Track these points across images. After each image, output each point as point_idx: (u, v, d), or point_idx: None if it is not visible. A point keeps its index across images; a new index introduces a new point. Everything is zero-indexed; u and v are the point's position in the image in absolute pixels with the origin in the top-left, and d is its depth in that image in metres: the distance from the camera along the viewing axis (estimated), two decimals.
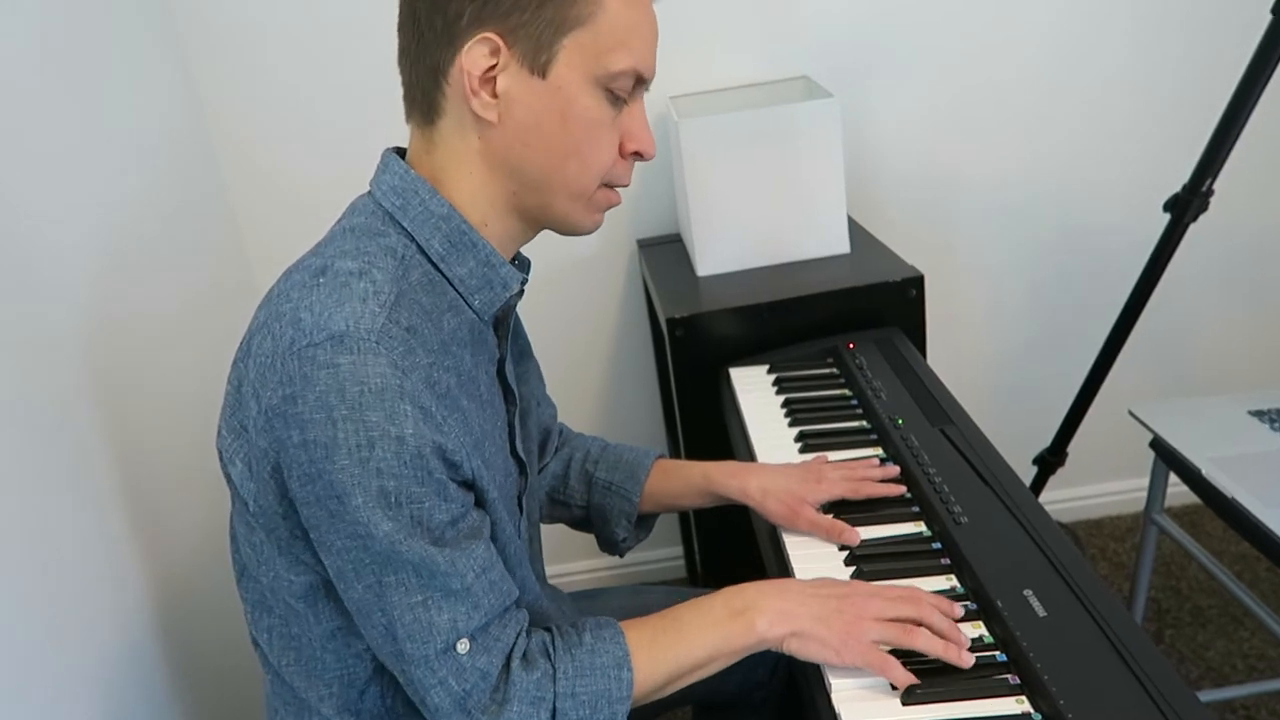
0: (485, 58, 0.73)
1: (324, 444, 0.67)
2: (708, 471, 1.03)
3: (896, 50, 1.63)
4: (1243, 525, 1.13)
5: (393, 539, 0.69)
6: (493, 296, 0.80)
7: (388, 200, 0.77)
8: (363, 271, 0.71)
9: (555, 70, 0.74)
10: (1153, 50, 1.65)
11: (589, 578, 1.98)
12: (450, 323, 0.76)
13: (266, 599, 0.81)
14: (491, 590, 0.74)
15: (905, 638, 0.76)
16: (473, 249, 0.78)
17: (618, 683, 0.75)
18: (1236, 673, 1.59)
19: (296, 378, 0.67)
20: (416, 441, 0.68)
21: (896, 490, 0.99)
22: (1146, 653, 0.74)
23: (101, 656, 1.02)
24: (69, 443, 1.02)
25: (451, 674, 0.72)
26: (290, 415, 0.68)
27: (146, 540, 1.14)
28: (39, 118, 1.08)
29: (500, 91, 0.74)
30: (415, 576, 0.71)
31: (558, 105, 0.74)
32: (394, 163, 0.78)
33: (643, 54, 0.76)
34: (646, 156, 0.81)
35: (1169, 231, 1.39)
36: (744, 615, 0.78)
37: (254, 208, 1.64)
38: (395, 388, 0.68)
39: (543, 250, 1.71)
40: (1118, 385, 1.62)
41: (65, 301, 1.07)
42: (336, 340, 0.67)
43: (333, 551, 0.72)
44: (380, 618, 0.72)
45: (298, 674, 0.82)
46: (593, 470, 1.06)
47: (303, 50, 1.56)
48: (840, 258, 1.47)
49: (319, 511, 0.70)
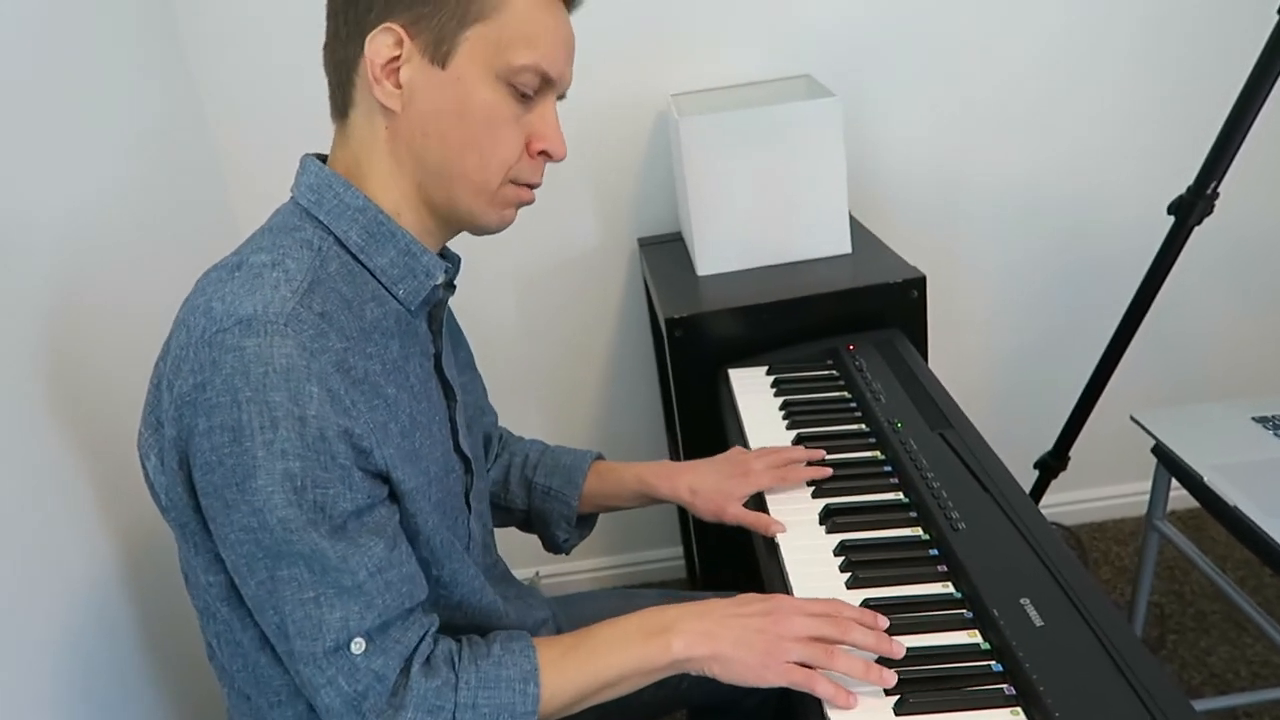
0: (389, 48, 0.74)
1: (230, 428, 0.67)
2: (640, 473, 1.06)
3: (900, 49, 1.62)
4: (1245, 533, 1.12)
5: (287, 526, 0.69)
6: (416, 285, 0.80)
7: (304, 198, 0.78)
8: (276, 262, 0.72)
9: (455, 61, 0.75)
10: (1157, 52, 1.64)
11: (587, 577, 1.97)
12: (373, 312, 0.77)
13: (207, 605, 0.80)
14: (388, 590, 0.73)
15: (826, 658, 0.75)
16: (391, 238, 0.78)
17: (523, 697, 0.75)
18: (1240, 679, 1.58)
19: (206, 364, 0.68)
20: (319, 423, 0.68)
21: (824, 472, 1.01)
22: (1144, 664, 0.72)
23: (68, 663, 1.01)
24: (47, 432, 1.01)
25: (342, 673, 0.71)
26: (199, 402, 0.68)
27: (116, 534, 1.12)
28: (32, 110, 1.07)
29: (403, 81, 0.75)
30: (307, 571, 0.70)
31: (457, 96, 0.75)
32: (310, 164, 0.80)
33: (548, 53, 0.77)
34: (555, 157, 0.81)
35: (1173, 234, 1.38)
36: (661, 636, 0.78)
37: (251, 205, 1.62)
38: (301, 368, 0.67)
39: (542, 248, 1.72)
40: (1121, 389, 1.60)
41: (57, 294, 1.06)
42: (244, 324, 0.67)
43: (228, 545, 0.71)
44: (273, 615, 0.72)
45: (248, 682, 0.82)
46: (532, 475, 1.08)
47: (302, 47, 1.55)
48: (841, 258, 1.46)
49: (216, 502, 0.70)
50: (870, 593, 0.85)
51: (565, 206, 1.68)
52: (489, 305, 1.73)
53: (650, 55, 1.60)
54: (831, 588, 0.87)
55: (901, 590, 0.85)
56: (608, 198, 1.69)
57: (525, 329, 1.76)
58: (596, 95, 1.60)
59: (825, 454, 1.05)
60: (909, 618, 0.81)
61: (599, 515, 1.13)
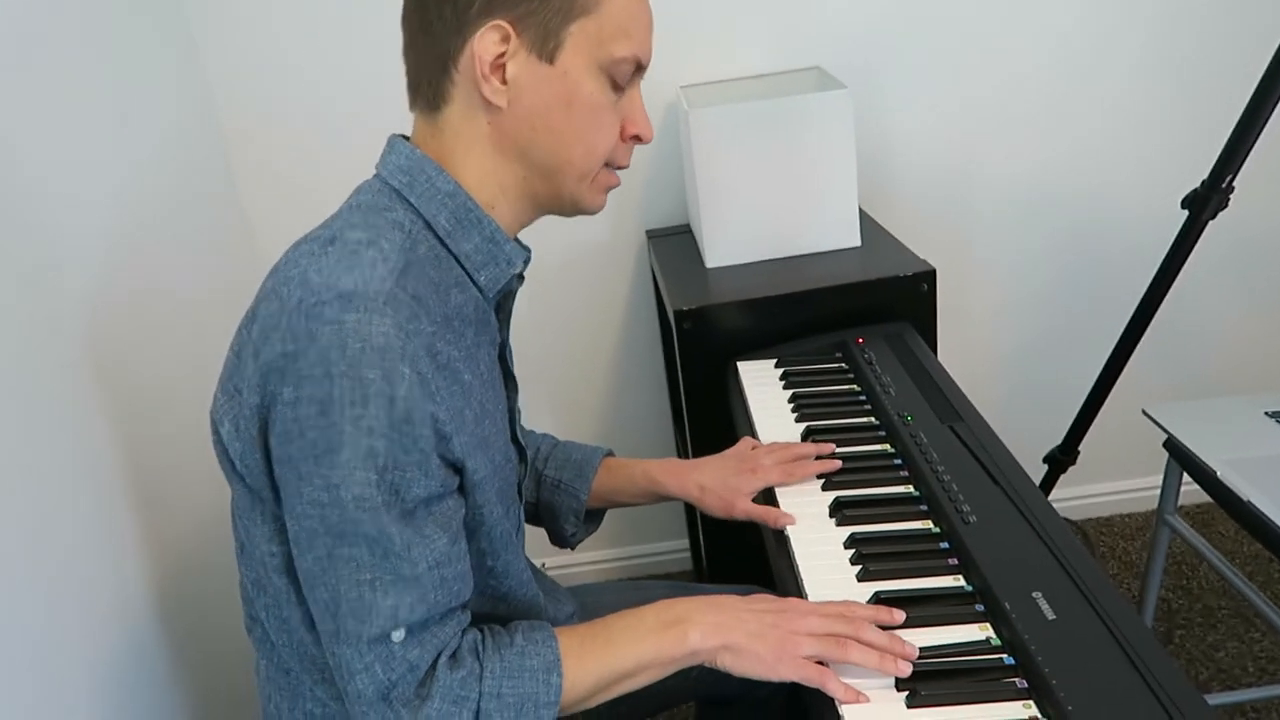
0: (496, 44, 0.75)
1: (319, 400, 0.67)
2: (650, 470, 1.06)
3: (911, 42, 1.61)
4: (1258, 528, 1.12)
5: (361, 505, 0.69)
6: (498, 273, 0.81)
7: (395, 179, 0.79)
8: (371, 241, 0.72)
9: (562, 57, 0.76)
10: (1169, 47, 1.63)
11: (592, 569, 1.97)
12: (456, 298, 0.77)
13: (260, 576, 0.81)
14: (441, 586, 0.73)
15: (839, 652, 0.76)
16: (478, 225, 0.79)
17: (546, 686, 0.75)
18: (1247, 675, 1.57)
19: (301, 334, 0.67)
20: (407, 405, 0.68)
21: (834, 465, 1.02)
22: (1157, 657, 0.72)
23: (101, 641, 1.02)
24: (73, 427, 1.02)
25: (379, 661, 0.71)
26: (288, 371, 0.68)
27: (147, 528, 1.14)
28: (44, 106, 1.07)
29: (510, 78, 0.76)
30: (368, 553, 0.70)
31: (564, 90, 0.77)
32: (400, 144, 0.80)
33: (642, 41, 0.80)
34: (645, 140, 0.84)
35: (1187, 228, 1.37)
36: (677, 627, 0.78)
37: (263, 199, 1.63)
38: (397, 348, 0.68)
39: (552, 240, 1.71)
40: (1131, 383, 1.60)
41: (72, 287, 1.06)
42: (344, 298, 0.67)
43: (294, 516, 0.71)
44: (323, 592, 0.72)
45: (292, 656, 0.82)
46: (542, 468, 1.09)
47: (314, 39, 1.55)
48: (851, 251, 1.45)
49: (290, 472, 0.70)
50: (880, 586, 0.85)
51: None
52: None
53: (660, 46, 1.57)
54: (842, 581, 0.87)
55: (912, 583, 0.85)
56: (616, 190, 1.67)
57: (533, 320, 1.76)
58: None
59: (835, 447, 1.05)
60: (920, 611, 0.81)
61: (606, 511, 1.13)
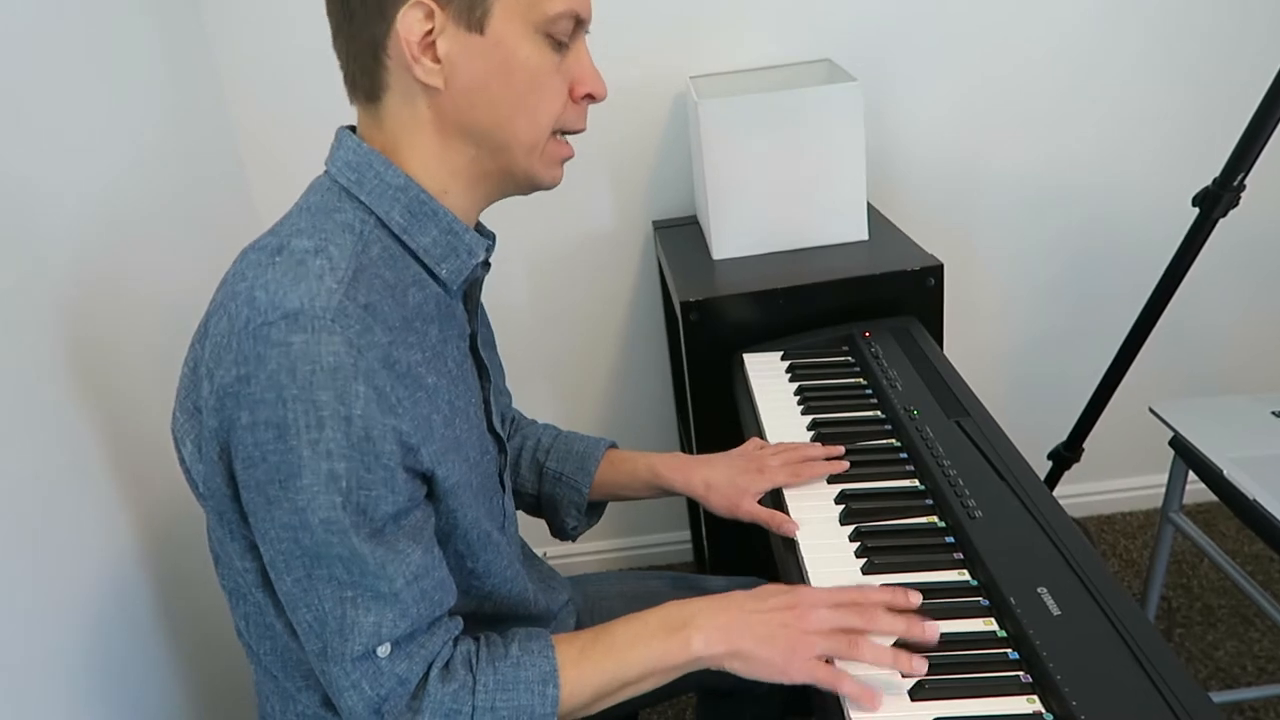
0: (421, 22, 0.71)
1: (274, 425, 0.66)
2: (653, 464, 1.04)
3: (922, 35, 1.60)
4: (1262, 527, 1.12)
5: (329, 528, 0.68)
6: (459, 265, 0.78)
7: (343, 176, 0.76)
8: (319, 249, 0.70)
9: (492, 24, 0.72)
10: (1178, 43, 1.62)
11: (593, 560, 1.98)
12: (415, 297, 0.75)
13: (239, 586, 0.80)
14: (422, 599, 0.73)
15: (852, 650, 0.74)
16: (434, 217, 0.76)
17: (541, 699, 0.74)
18: (1246, 674, 1.58)
19: (250, 357, 0.66)
20: (365, 423, 0.67)
21: (841, 466, 1.01)
22: (1161, 653, 0.72)
23: (102, 641, 1.02)
24: (75, 428, 1.01)
25: (366, 677, 0.71)
26: (242, 395, 0.67)
27: (147, 528, 1.13)
28: (53, 91, 1.07)
29: (442, 55, 0.72)
30: (345, 572, 0.70)
31: (500, 59, 0.73)
32: (348, 139, 0.77)
33: None
34: (598, 97, 0.79)
35: (1197, 226, 1.37)
36: (681, 632, 0.77)
37: (274, 192, 1.62)
38: (349, 366, 0.66)
39: (558, 230, 1.71)
40: (1137, 381, 1.59)
41: (68, 271, 1.05)
42: (291, 318, 0.65)
43: (267, 540, 0.71)
44: (306, 612, 0.71)
45: (275, 663, 0.82)
46: (544, 460, 1.07)
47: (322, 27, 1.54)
48: (858, 244, 1.45)
49: (257, 497, 0.69)
50: (886, 579, 0.85)
51: (580, 188, 1.67)
52: (501, 287, 1.73)
53: (669, 37, 1.59)
54: (847, 574, 0.87)
55: (917, 577, 0.85)
56: (623, 180, 1.68)
57: (537, 310, 1.76)
58: (614, 76, 1.57)
59: (843, 449, 1.03)
60: (925, 606, 0.80)
61: (608, 503, 1.12)
